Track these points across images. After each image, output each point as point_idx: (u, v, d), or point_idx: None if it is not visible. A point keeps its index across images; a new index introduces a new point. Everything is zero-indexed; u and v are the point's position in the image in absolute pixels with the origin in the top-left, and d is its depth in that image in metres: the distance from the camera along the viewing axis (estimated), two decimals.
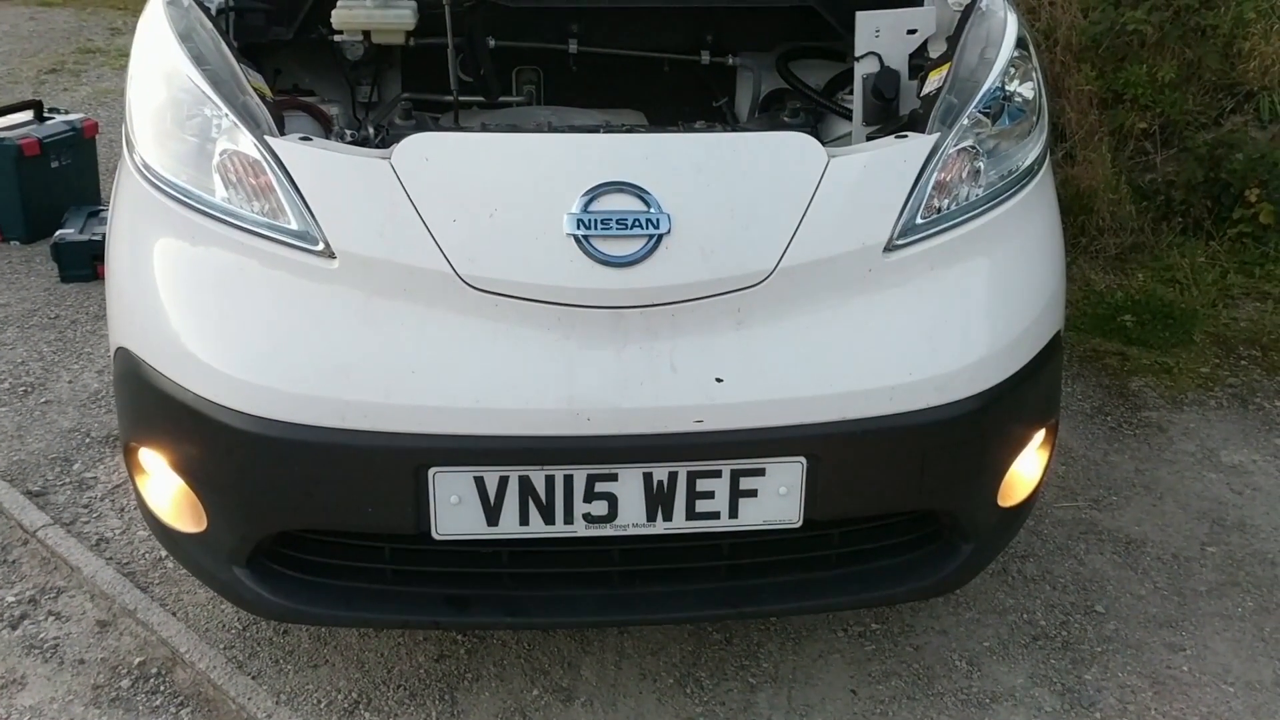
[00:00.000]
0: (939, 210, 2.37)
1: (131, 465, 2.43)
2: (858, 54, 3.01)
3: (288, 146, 2.30)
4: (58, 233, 4.98)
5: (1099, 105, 5.46)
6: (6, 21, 10.19)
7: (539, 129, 2.57)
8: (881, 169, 2.34)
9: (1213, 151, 5.23)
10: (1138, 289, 4.87)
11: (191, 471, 2.28)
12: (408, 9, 2.95)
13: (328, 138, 2.90)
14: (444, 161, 2.25)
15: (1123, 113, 5.46)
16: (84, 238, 4.93)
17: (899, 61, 3.00)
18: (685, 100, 3.37)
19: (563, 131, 2.59)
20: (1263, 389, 4.22)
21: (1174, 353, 4.41)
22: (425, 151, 2.25)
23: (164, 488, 2.36)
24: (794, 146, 2.33)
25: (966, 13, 2.79)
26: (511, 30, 3.13)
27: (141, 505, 2.51)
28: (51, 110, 5.64)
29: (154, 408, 2.27)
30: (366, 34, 3.01)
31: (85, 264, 4.89)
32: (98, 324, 4.48)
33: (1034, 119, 2.61)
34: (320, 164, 2.29)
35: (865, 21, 2.97)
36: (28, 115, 5.54)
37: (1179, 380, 4.24)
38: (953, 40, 2.72)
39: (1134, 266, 5.12)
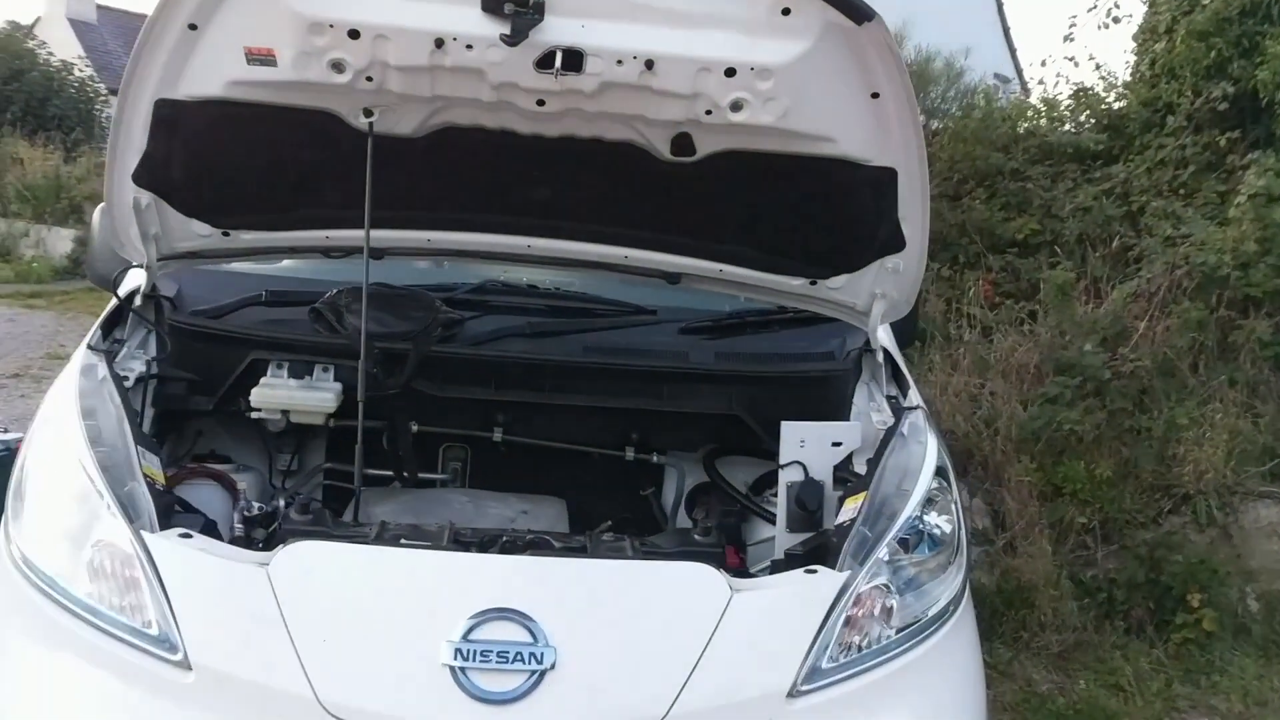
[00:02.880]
0: (850, 650, 2.25)
1: None
2: (782, 462, 2.98)
3: (162, 543, 2.18)
4: None
5: (1039, 497, 5.46)
6: None
7: (438, 533, 2.47)
8: (787, 607, 2.24)
9: (1152, 552, 5.19)
10: (1080, 697, 4.68)
11: None
12: (330, 392, 2.93)
13: (232, 510, 2.80)
14: (324, 573, 2.14)
15: (1063, 505, 5.45)
16: None
17: (824, 472, 2.96)
18: (611, 489, 3.31)
19: (463, 537, 2.50)
20: None
21: None
22: (306, 561, 2.14)
23: None
24: (696, 579, 2.24)
25: (887, 437, 2.78)
26: (437, 415, 3.11)
27: None
28: None
29: None
30: (286, 412, 2.98)
31: None
32: None
33: (952, 553, 2.54)
34: (193, 565, 2.17)
35: (791, 432, 2.96)
36: None
37: None
38: (870, 466, 2.69)
39: (1077, 667, 4.95)
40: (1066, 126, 8.11)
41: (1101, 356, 5.62)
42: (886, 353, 3.16)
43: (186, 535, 2.25)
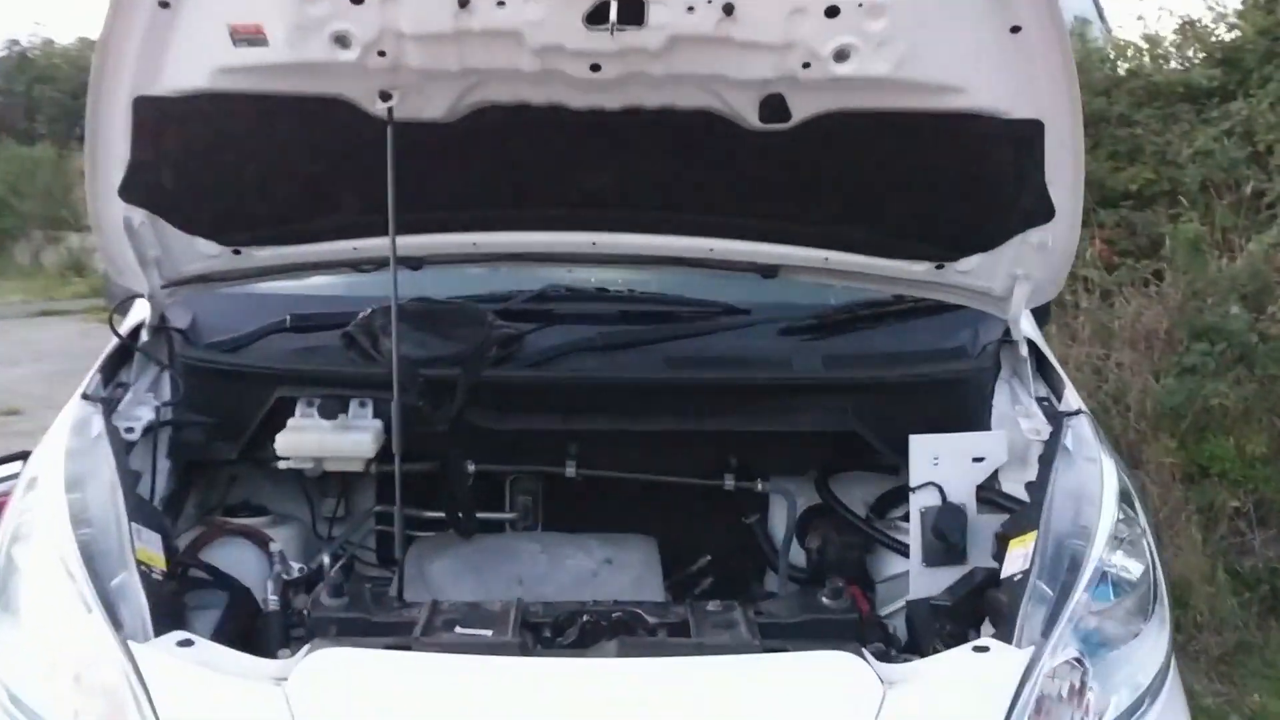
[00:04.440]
0: None
1: None
2: (913, 484, 2.46)
3: (155, 657, 1.73)
4: None
5: (1183, 480, 4.86)
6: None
7: (502, 614, 1.99)
8: (958, 704, 1.72)
9: None
10: (1255, 712, 4.09)
11: None
12: (368, 432, 2.46)
13: (269, 571, 2.36)
14: (355, 691, 1.68)
15: (1211, 488, 4.85)
16: None
17: (964, 494, 2.45)
18: (707, 521, 2.81)
19: (533, 617, 2.02)
20: None
21: None
22: (331, 675, 1.68)
23: None
24: (838, 672, 1.73)
25: (1049, 454, 2.24)
26: (498, 451, 2.63)
27: None
28: None
29: None
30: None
31: None
32: None
33: (1148, 602, 2.01)
34: (193, 685, 1.71)
35: (921, 448, 2.45)
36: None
37: None
38: (1034, 494, 2.16)
39: (1243, 674, 4.35)
40: (1172, 64, 7.40)
41: (1245, 318, 4.99)
42: (1031, 344, 2.61)
43: (187, 643, 1.80)
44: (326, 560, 2.43)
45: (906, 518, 2.60)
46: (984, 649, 1.82)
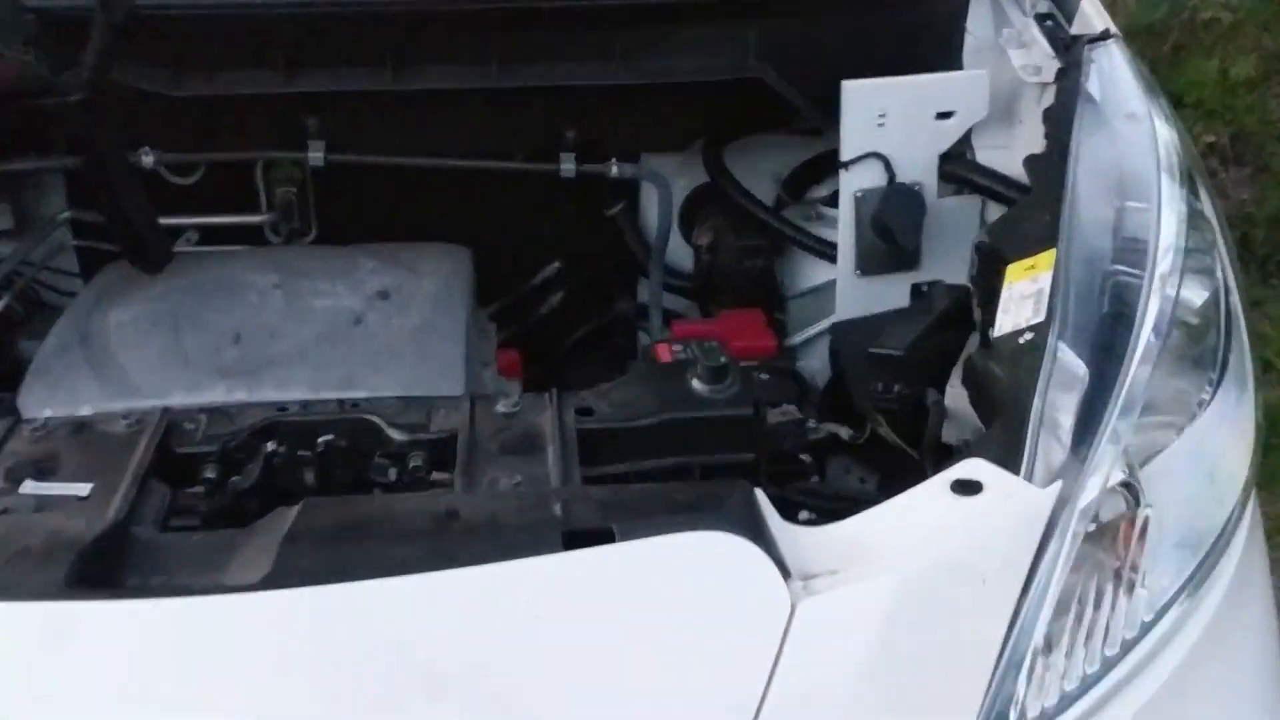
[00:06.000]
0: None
1: None
2: (845, 156, 1.62)
3: None
4: None
5: None
6: None
7: (131, 431, 1.18)
8: (921, 621, 0.95)
9: None
10: None
11: None
12: None
13: None
14: None
15: (1186, 120, 4.06)
16: None
17: (921, 169, 1.65)
18: (550, 218, 1.95)
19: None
20: None
21: None
22: None
23: None
24: (725, 566, 0.94)
25: (1065, 104, 1.40)
26: (186, 135, 1.69)
27: None
28: None
29: None
30: None
31: None
32: None
33: (1215, 366, 1.23)
34: None
35: (858, 98, 1.61)
36: None
37: None
38: (1041, 179, 1.34)
39: None
40: None
41: None
42: None
43: None
44: None
45: (832, 203, 1.79)
46: (972, 486, 1.02)
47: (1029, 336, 1.12)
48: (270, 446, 1.24)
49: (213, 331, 1.51)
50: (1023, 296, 1.16)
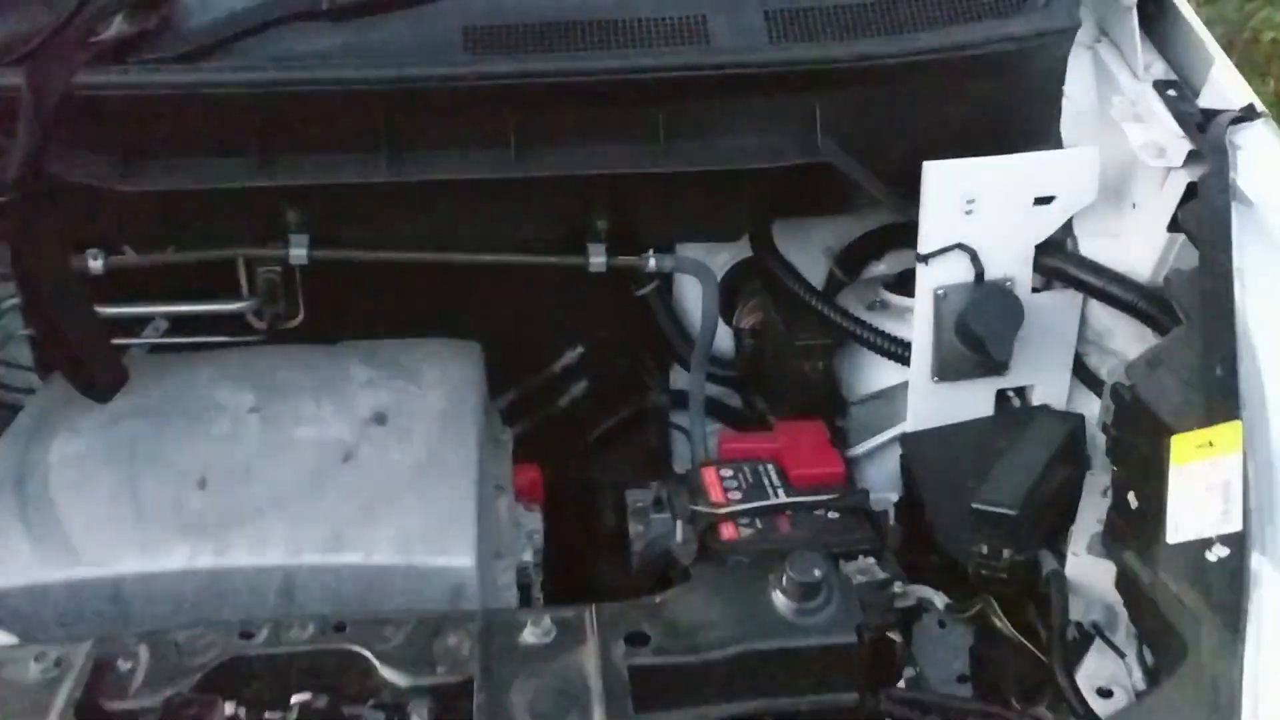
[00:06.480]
0: None
1: None
2: (925, 249, 1.37)
3: None
4: None
5: None
6: None
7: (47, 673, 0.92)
8: None
9: None
10: None
11: None
12: None
13: None
14: None
15: None
16: None
17: (1015, 262, 1.41)
18: (571, 301, 1.69)
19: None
20: None
21: None
22: None
23: None
24: None
25: (1216, 212, 1.16)
26: (145, 233, 1.43)
27: None
28: None
29: None
30: None
31: None
32: None
33: None
34: None
35: (943, 181, 1.36)
36: None
37: None
38: (1197, 311, 1.09)
39: None
40: None
41: None
42: None
43: None
44: None
45: (896, 285, 1.54)
46: None
47: (1222, 554, 0.86)
48: (229, 711, 0.95)
49: (174, 470, 1.25)
50: (1204, 488, 0.90)
